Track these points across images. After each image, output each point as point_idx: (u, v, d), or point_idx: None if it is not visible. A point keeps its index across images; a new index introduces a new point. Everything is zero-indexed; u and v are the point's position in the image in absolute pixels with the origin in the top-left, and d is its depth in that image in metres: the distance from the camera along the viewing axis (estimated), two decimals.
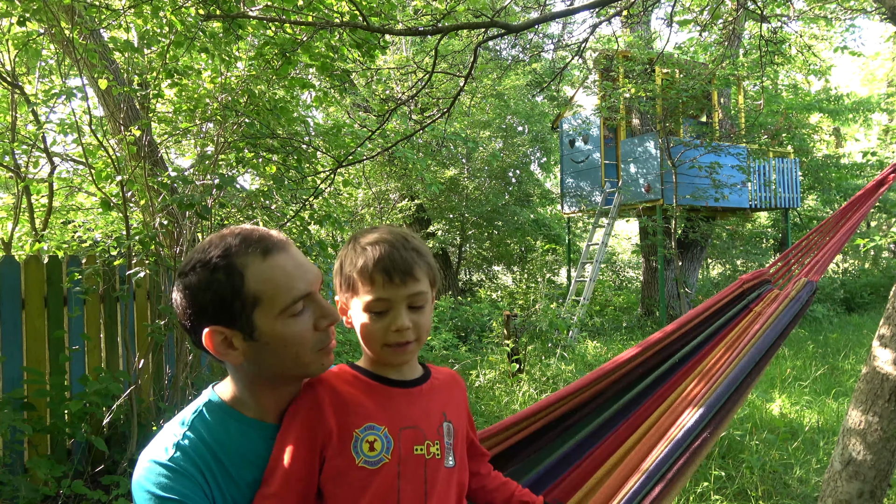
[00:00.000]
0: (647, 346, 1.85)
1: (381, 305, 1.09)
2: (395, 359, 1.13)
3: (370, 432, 1.07)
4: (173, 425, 1.11)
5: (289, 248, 1.10)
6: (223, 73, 4.50)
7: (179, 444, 1.07)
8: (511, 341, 6.24)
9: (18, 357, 3.62)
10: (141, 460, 1.08)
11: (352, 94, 10.73)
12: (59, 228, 6.73)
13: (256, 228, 1.12)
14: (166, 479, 1.03)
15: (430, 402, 1.16)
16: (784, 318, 2.00)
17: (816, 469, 4.00)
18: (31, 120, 5.72)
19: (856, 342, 8.57)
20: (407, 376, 1.16)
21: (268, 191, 4.67)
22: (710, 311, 2.04)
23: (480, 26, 3.54)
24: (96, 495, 3.24)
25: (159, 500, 1.02)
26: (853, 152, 17.51)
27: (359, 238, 1.15)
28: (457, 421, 1.18)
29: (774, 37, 6.25)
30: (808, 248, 2.47)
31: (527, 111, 15.33)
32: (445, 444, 1.13)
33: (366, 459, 1.05)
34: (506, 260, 15.16)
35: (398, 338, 1.10)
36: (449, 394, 1.20)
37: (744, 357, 1.85)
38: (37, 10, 3.84)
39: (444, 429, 1.14)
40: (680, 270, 10.75)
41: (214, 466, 1.07)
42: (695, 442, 1.60)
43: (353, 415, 1.08)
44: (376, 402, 1.11)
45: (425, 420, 1.12)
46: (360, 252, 1.11)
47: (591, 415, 1.70)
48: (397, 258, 1.09)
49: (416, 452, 1.09)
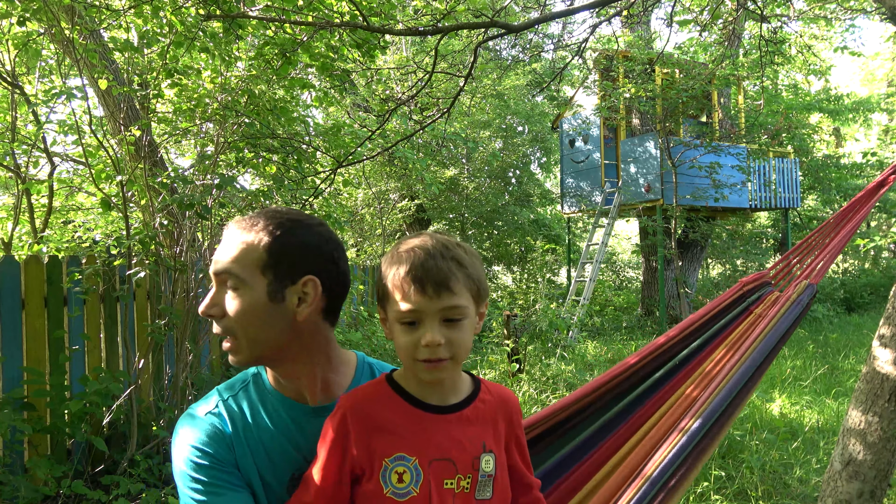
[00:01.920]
0: (651, 350, 1.86)
1: (412, 316, 1.02)
2: (427, 375, 1.05)
3: (400, 463, 1.03)
4: (221, 389, 1.21)
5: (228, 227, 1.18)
6: (223, 73, 4.50)
7: (219, 403, 1.17)
8: (511, 341, 6.24)
9: (18, 357, 3.62)
10: (185, 416, 1.18)
11: (352, 94, 10.73)
12: (59, 228, 6.73)
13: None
14: (207, 436, 1.12)
15: (468, 430, 1.08)
16: (785, 322, 2.01)
17: (816, 469, 4.00)
18: (31, 120, 5.72)
19: (856, 342, 8.57)
20: (448, 399, 1.09)
21: (268, 191, 4.67)
22: (711, 313, 2.05)
23: (480, 26, 3.54)
24: (96, 495, 3.24)
25: (199, 452, 1.10)
26: (853, 152, 17.51)
27: (399, 244, 1.09)
28: (500, 450, 1.11)
29: (774, 37, 6.25)
30: (809, 249, 2.47)
31: (527, 111, 15.32)
32: (479, 477, 1.07)
33: (394, 490, 1.02)
34: (506, 260, 15.15)
35: (429, 354, 1.02)
36: (494, 420, 1.12)
37: (746, 360, 1.85)
38: (37, 10, 3.84)
39: (482, 461, 1.07)
40: (680, 270, 10.75)
41: (246, 434, 1.14)
42: (698, 447, 1.60)
43: (383, 442, 1.04)
44: (408, 429, 1.06)
45: (459, 451, 1.06)
46: (396, 259, 1.05)
47: (591, 417, 1.70)
48: (432, 268, 1.01)
49: (445, 486, 1.04)
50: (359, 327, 6.99)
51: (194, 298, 4.07)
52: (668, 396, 1.81)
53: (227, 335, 1.13)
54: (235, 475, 1.11)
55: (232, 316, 1.11)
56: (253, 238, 1.12)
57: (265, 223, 1.13)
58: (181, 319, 4.00)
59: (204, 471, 1.09)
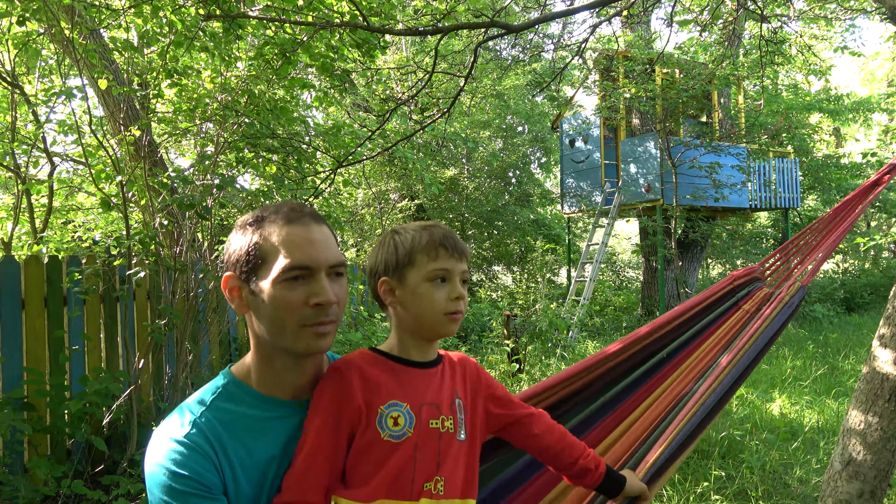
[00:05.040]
0: (636, 339, 1.83)
1: (444, 274, 1.21)
2: (449, 328, 1.22)
3: (394, 408, 1.16)
4: (191, 403, 1.16)
5: (311, 224, 1.17)
6: (223, 73, 4.50)
7: (196, 422, 1.12)
8: (511, 341, 6.24)
9: (18, 357, 3.62)
10: (156, 436, 1.13)
11: (352, 94, 10.73)
12: (59, 228, 6.73)
13: (295, 202, 1.23)
14: (181, 455, 1.07)
15: (444, 381, 1.25)
16: (777, 323, 2.01)
17: (816, 469, 3.99)
18: (31, 120, 5.72)
19: (856, 342, 8.56)
20: (427, 358, 1.26)
21: (268, 191, 4.66)
22: (700, 306, 2.04)
23: (480, 26, 3.54)
24: (96, 495, 3.24)
25: (172, 475, 1.05)
26: (853, 152, 17.50)
27: (407, 225, 1.27)
28: (467, 398, 1.27)
29: (774, 37, 6.25)
30: (801, 247, 2.47)
31: (527, 111, 15.33)
32: (458, 419, 1.22)
33: (390, 433, 1.14)
34: (506, 260, 15.15)
35: (456, 306, 1.21)
36: (461, 374, 1.30)
37: (739, 359, 1.84)
38: (37, 10, 3.83)
39: (457, 405, 1.24)
40: (680, 270, 10.75)
41: (229, 442, 1.11)
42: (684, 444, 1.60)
43: (378, 393, 1.17)
44: (398, 382, 1.20)
45: (440, 397, 1.22)
46: (420, 231, 1.24)
47: (578, 406, 1.68)
48: (455, 238, 1.24)
49: (431, 426, 1.18)
50: (359, 327, 6.99)
51: (194, 298, 4.07)
52: (655, 388, 1.81)
53: (332, 323, 1.16)
54: (223, 501, 1.08)
55: (342, 303, 1.18)
56: (329, 232, 1.21)
57: (316, 214, 1.22)
58: (181, 319, 4.00)
59: (187, 499, 1.05)
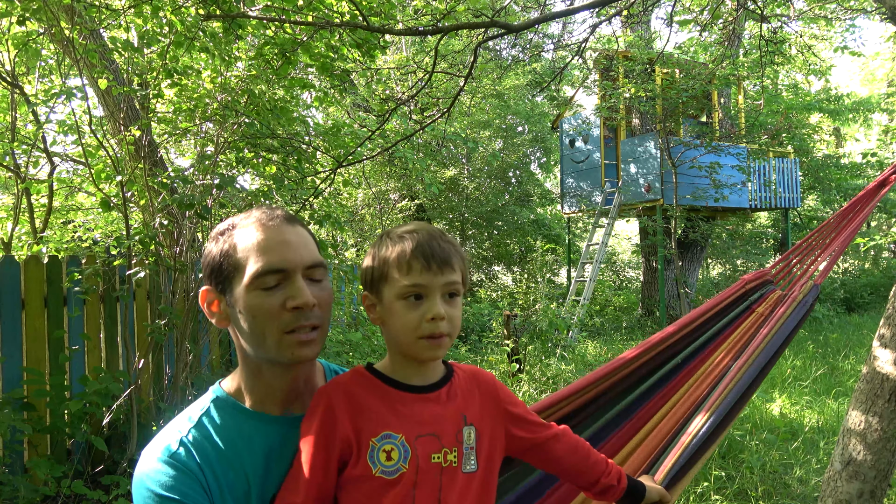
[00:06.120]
0: (650, 346, 1.83)
1: (417, 290, 1.07)
2: (429, 353, 1.08)
3: (387, 441, 1.05)
4: (179, 421, 1.12)
5: (283, 225, 1.11)
6: (223, 73, 4.50)
7: (183, 441, 1.07)
8: (511, 341, 6.24)
9: (18, 357, 3.62)
10: (144, 456, 1.08)
11: (352, 94, 10.73)
12: (59, 228, 6.73)
13: (266, 206, 1.16)
14: (168, 476, 1.03)
15: (449, 406, 1.12)
16: (791, 322, 2.00)
17: (816, 469, 3.99)
18: (31, 120, 5.72)
19: (856, 342, 8.56)
20: (427, 380, 1.13)
21: (268, 191, 4.67)
22: (712, 311, 2.03)
23: (480, 26, 3.54)
24: (96, 495, 3.24)
25: (159, 498, 1.02)
26: (853, 152, 17.51)
27: (391, 231, 1.13)
28: (481, 422, 1.14)
29: (774, 37, 6.25)
30: (810, 248, 2.46)
31: (527, 111, 15.33)
32: (464, 449, 1.10)
33: (383, 469, 1.04)
34: (506, 260, 15.15)
35: (433, 328, 1.06)
36: (471, 394, 1.16)
37: (753, 361, 1.84)
38: (37, 10, 3.83)
39: (464, 434, 1.11)
40: (680, 270, 10.75)
41: (217, 462, 1.06)
42: (702, 448, 1.60)
43: (369, 422, 1.06)
44: (392, 409, 1.08)
45: (442, 426, 1.09)
46: (396, 240, 1.10)
47: (594, 416, 1.68)
48: (435, 246, 1.09)
49: (433, 461, 1.06)
50: (359, 327, 6.99)
51: (194, 298, 4.07)
52: (671, 395, 1.80)
53: (316, 328, 1.09)
54: None
55: (325, 306, 1.11)
56: (306, 233, 1.14)
57: (290, 215, 1.16)
58: (181, 319, 4.00)
59: None
